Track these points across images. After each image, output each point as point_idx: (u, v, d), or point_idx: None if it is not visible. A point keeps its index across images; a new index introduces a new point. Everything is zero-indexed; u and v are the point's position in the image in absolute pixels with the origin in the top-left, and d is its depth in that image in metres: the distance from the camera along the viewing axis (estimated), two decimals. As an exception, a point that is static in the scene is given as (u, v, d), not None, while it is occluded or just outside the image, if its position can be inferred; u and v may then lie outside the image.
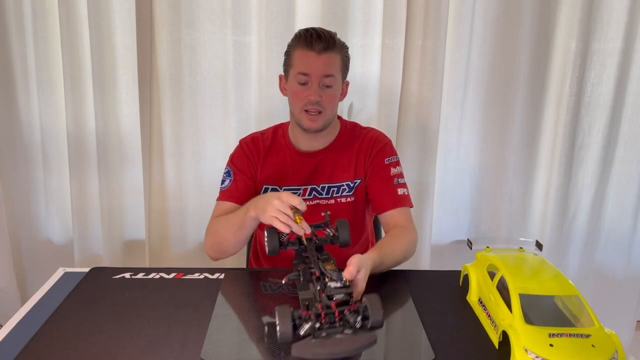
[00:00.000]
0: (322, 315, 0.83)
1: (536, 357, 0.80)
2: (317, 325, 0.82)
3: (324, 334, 0.81)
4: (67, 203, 1.87)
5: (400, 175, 1.33)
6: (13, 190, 1.88)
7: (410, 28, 1.72)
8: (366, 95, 1.80)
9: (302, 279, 0.95)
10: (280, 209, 1.02)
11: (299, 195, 1.30)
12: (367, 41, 1.76)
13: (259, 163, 1.33)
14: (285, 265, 1.28)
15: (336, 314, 0.83)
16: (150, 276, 1.17)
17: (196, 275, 1.17)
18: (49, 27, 1.73)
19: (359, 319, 0.84)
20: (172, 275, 1.17)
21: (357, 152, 1.32)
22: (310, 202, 1.30)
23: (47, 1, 1.70)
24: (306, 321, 0.82)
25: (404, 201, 1.30)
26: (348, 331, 0.81)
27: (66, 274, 1.19)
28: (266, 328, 0.93)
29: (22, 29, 1.73)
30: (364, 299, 0.86)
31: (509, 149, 1.88)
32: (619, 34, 1.78)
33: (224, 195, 1.31)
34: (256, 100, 1.79)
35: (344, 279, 0.90)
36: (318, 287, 0.89)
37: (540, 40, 1.78)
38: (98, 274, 1.18)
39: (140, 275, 1.17)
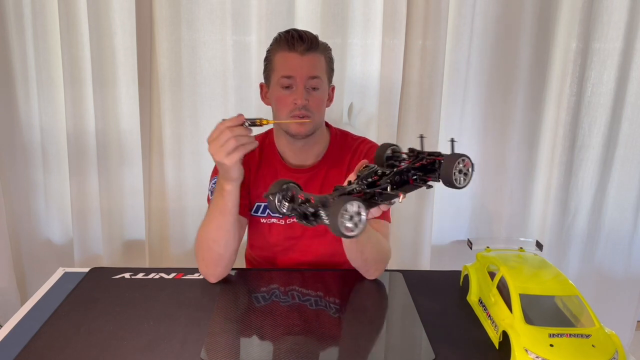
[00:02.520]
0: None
1: (536, 357, 0.80)
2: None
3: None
4: (67, 203, 1.87)
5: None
6: (13, 190, 1.88)
7: (410, 28, 1.72)
8: (366, 95, 1.80)
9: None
10: (221, 142, 0.97)
11: None
12: (367, 41, 1.76)
13: (250, 177, 1.24)
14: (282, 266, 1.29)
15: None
16: (150, 276, 1.17)
17: (196, 276, 1.17)
18: (49, 27, 1.72)
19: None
20: (172, 275, 1.17)
21: (348, 165, 1.24)
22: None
23: (47, 1, 1.70)
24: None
25: (384, 214, 1.14)
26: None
27: (66, 274, 1.19)
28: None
29: (22, 29, 1.73)
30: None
31: (509, 148, 1.88)
32: (619, 33, 1.78)
33: None
34: (256, 100, 1.78)
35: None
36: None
37: (541, 40, 1.78)
38: (98, 274, 1.18)
39: (140, 275, 1.17)
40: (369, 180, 0.83)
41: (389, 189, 0.83)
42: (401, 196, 0.82)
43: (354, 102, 1.81)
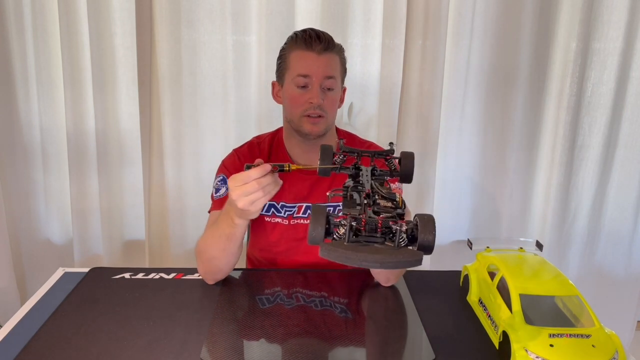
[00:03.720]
0: (363, 222, 0.68)
1: (536, 357, 0.80)
2: (354, 229, 0.68)
3: (361, 240, 0.67)
4: (67, 203, 1.87)
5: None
6: (13, 190, 1.88)
7: (410, 28, 1.72)
8: (366, 95, 1.80)
9: (348, 195, 0.79)
10: (247, 193, 0.93)
11: (293, 212, 1.23)
12: (367, 41, 1.76)
13: None
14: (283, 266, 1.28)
15: (379, 222, 0.68)
16: (150, 276, 1.17)
17: (196, 276, 1.17)
18: (48, 27, 1.72)
19: (404, 236, 0.68)
20: (172, 276, 1.17)
21: None
22: (305, 220, 1.23)
23: (47, 1, 1.70)
24: (342, 225, 0.68)
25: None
26: (389, 244, 0.68)
27: (66, 274, 1.19)
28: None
29: (22, 29, 1.73)
30: (414, 217, 0.70)
31: (509, 149, 1.88)
32: (620, 33, 1.78)
33: (221, 203, 1.17)
34: (256, 100, 1.79)
35: (397, 197, 0.76)
36: (365, 202, 0.75)
37: (541, 40, 1.78)
38: (98, 274, 1.18)
39: (140, 276, 1.17)
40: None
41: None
42: None
43: (354, 102, 1.81)
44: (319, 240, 0.68)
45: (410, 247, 0.68)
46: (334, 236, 0.69)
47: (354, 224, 0.68)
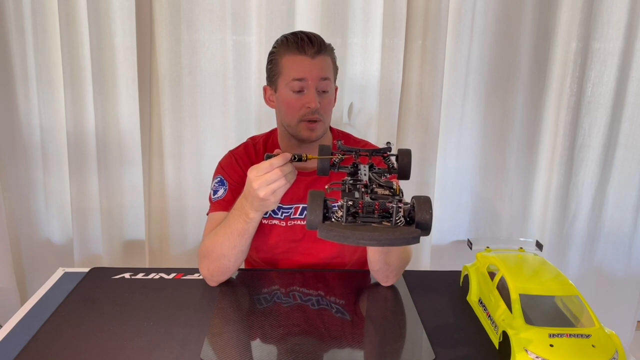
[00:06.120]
0: (360, 204, 0.70)
1: (536, 357, 0.80)
2: (351, 211, 0.69)
3: (358, 221, 0.69)
4: (67, 203, 1.87)
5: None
6: (13, 190, 1.88)
7: (410, 28, 1.72)
8: (366, 95, 1.80)
9: (346, 187, 0.80)
10: (269, 181, 0.94)
11: (290, 213, 1.22)
12: (367, 41, 1.76)
13: None
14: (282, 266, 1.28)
15: (376, 205, 0.70)
16: (150, 276, 1.17)
17: (196, 276, 1.17)
18: (48, 27, 1.72)
19: (400, 215, 0.69)
20: (172, 276, 1.17)
21: None
22: (302, 221, 1.22)
23: (47, 1, 1.70)
24: (340, 208, 0.69)
25: None
26: (387, 223, 0.69)
27: (66, 274, 1.19)
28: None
29: (22, 29, 1.73)
30: (411, 199, 0.72)
31: (509, 149, 1.88)
32: (620, 33, 1.78)
33: (220, 205, 1.20)
34: (256, 100, 1.79)
35: (394, 185, 0.77)
36: (363, 190, 0.76)
37: (541, 40, 1.78)
38: (98, 274, 1.18)
39: (140, 276, 1.17)
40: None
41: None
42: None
43: (354, 102, 1.81)
44: (317, 224, 0.69)
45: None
46: (332, 219, 0.70)
47: (350, 203, 0.69)
